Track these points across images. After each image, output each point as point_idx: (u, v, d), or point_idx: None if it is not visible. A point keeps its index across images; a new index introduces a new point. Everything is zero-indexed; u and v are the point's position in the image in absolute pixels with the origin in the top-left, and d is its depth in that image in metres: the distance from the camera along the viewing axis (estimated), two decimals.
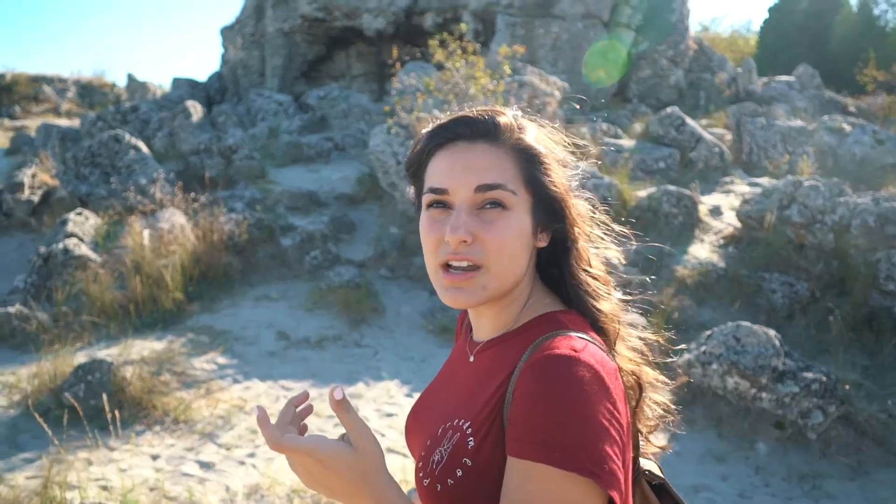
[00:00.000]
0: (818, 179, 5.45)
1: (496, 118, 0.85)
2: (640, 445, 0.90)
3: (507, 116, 0.87)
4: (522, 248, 0.83)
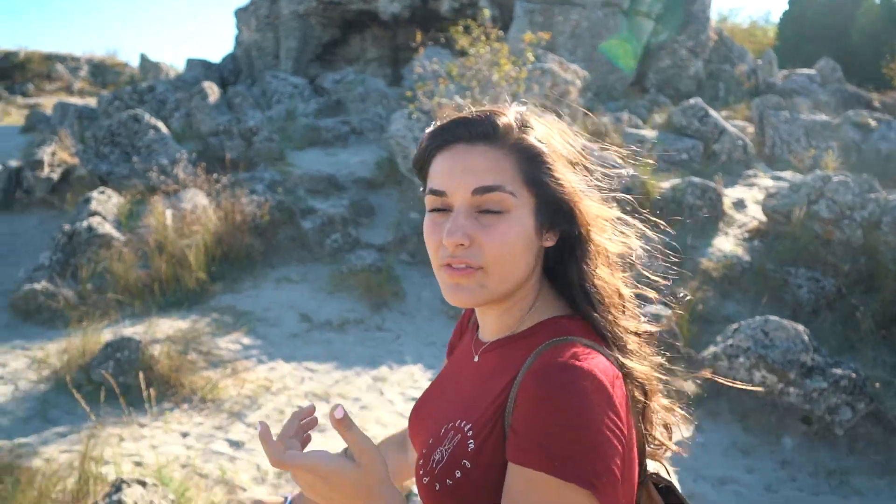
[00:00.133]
0: (847, 175, 5.40)
1: (495, 119, 0.83)
2: (646, 449, 0.88)
3: (507, 116, 0.84)
4: (524, 249, 0.82)
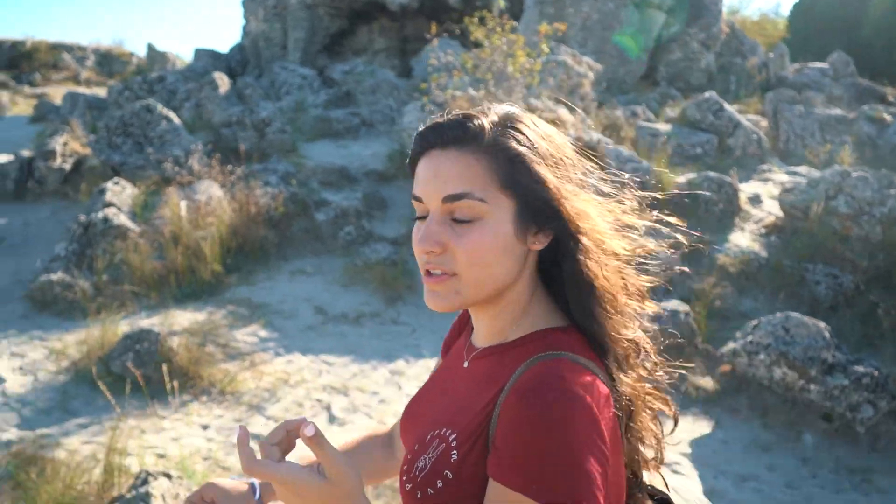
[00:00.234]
0: (866, 170, 5.36)
1: (467, 122, 0.80)
2: (638, 464, 0.86)
3: (482, 118, 0.81)
4: (500, 255, 0.79)
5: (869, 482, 3.37)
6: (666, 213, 0.88)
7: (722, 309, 4.80)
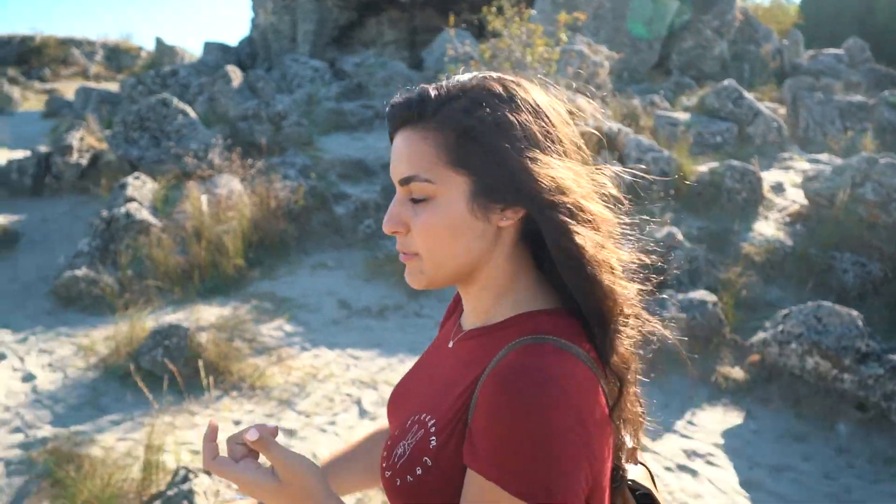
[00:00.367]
0: (894, 157, 5.27)
1: (416, 99, 0.77)
2: (622, 452, 0.82)
3: (434, 91, 0.76)
4: (457, 234, 0.76)
5: None
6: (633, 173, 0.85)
7: (748, 299, 4.75)
